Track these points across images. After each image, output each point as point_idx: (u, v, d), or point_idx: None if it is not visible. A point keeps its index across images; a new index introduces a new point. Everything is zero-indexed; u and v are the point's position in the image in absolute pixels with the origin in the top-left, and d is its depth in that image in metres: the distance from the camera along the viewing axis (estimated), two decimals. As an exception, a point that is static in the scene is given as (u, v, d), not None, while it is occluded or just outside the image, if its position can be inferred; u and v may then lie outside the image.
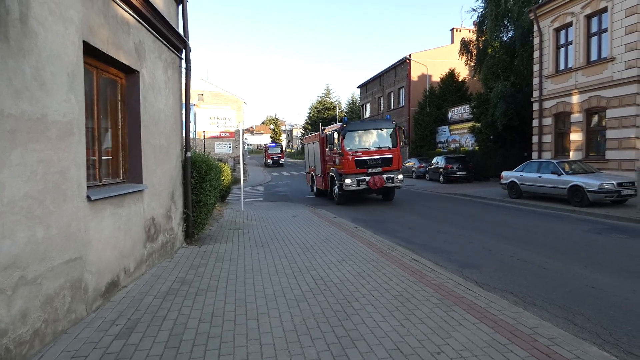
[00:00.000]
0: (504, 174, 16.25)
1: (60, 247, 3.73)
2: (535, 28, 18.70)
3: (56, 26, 3.67)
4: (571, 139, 17.08)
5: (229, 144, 22.98)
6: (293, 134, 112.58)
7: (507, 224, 10.68)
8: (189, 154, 7.67)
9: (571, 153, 16.96)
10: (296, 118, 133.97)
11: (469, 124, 26.41)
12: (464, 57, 28.97)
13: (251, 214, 12.49)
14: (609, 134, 15.21)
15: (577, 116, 16.66)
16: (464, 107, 27.90)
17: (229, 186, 15.33)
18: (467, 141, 27.53)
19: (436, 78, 33.65)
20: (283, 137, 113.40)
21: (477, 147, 25.50)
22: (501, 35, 24.83)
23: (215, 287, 5.24)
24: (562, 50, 17.64)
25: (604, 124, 15.67)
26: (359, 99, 55.12)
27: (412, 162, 28.71)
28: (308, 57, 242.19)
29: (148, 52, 5.89)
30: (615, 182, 12.13)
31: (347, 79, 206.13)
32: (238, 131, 18.23)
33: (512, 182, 15.43)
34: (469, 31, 31.96)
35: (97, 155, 4.88)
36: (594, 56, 16.08)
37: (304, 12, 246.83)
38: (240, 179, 15.33)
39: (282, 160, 53.38)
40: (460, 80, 31.68)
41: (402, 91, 36.84)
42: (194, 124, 17.79)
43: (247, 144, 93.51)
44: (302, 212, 13.09)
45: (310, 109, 72.54)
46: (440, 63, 33.72)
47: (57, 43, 3.69)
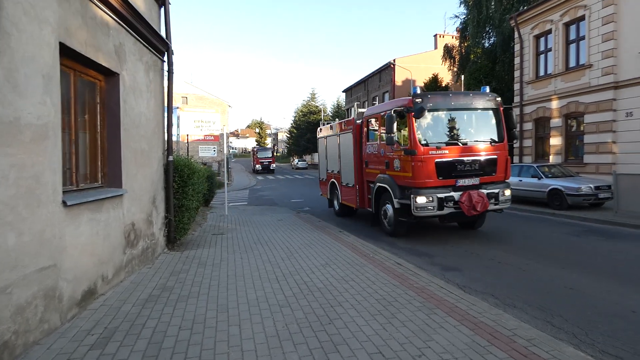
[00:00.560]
0: (486, 177, 16.53)
1: (33, 254, 3.62)
2: (516, 35, 19.09)
3: (31, 27, 3.58)
4: (551, 144, 17.43)
5: (214, 148, 22.78)
6: (278, 138, 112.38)
7: (488, 227, 10.80)
8: (171, 158, 7.57)
9: (551, 157, 17.31)
10: (281, 122, 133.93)
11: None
12: (447, 63, 29.39)
13: (235, 218, 12.38)
14: (587, 138, 15.58)
15: (556, 121, 17.02)
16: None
17: (212, 190, 15.18)
18: (450, 145, 27.77)
19: (420, 83, 33.90)
20: (268, 141, 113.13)
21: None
22: (483, 41, 25.28)
23: (197, 294, 5.16)
24: (542, 56, 18.03)
25: (582, 129, 16.05)
26: (344, 103, 55.33)
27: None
28: (294, 61, 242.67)
29: (129, 54, 5.80)
30: (592, 186, 12.41)
31: (333, 83, 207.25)
32: (222, 135, 18.11)
33: (494, 185, 15.69)
34: (452, 37, 32.51)
35: (75, 159, 4.77)
36: (572, 63, 16.48)
37: (290, 18, 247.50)
38: (224, 182, 15.21)
39: (273, 165, 48.54)
40: (443, 85, 32.09)
41: (387, 95, 37.16)
42: (178, 127, 17.63)
43: (232, 148, 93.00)
44: (287, 216, 13.04)
45: (295, 112, 72.36)
46: (424, 68, 34.15)
47: (32, 44, 3.61)
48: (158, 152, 7.23)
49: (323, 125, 14.69)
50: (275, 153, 61.22)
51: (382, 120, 9.50)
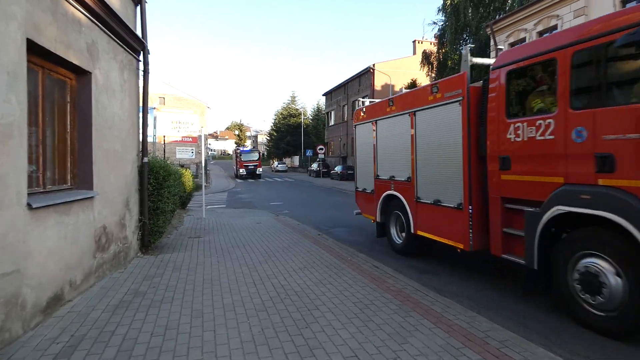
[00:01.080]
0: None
1: (-5, 259, 3.47)
2: (492, 42, 19.51)
3: (-5, 22, 3.45)
4: (525, 148, 17.88)
5: (192, 149, 22.45)
6: (258, 140, 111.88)
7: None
8: (145, 159, 7.40)
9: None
10: (261, 124, 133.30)
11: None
12: (426, 68, 29.83)
13: (213, 221, 12.20)
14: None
15: (530, 126, 17.46)
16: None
17: (190, 193, 14.93)
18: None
19: (399, 88, 34.42)
20: (248, 143, 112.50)
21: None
22: (461, 48, 25.75)
23: (171, 299, 5.04)
24: (517, 63, 18.48)
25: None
26: (324, 107, 55.49)
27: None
28: (274, 63, 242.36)
29: (102, 52, 5.65)
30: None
31: (313, 86, 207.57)
32: (201, 136, 17.86)
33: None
34: (430, 43, 33.03)
35: (42, 160, 4.60)
36: (545, 70, 16.94)
37: (270, 20, 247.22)
38: (202, 185, 15.00)
39: (260, 170, 42.20)
40: (422, 90, 32.53)
41: (366, 100, 37.42)
42: (154, 128, 17.31)
43: (211, 150, 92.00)
44: (265, 219, 12.93)
45: (275, 115, 72.32)
46: (402, 73, 34.59)
47: (-4, 40, 3.47)
48: (132, 154, 7.06)
49: (368, 102, 9.67)
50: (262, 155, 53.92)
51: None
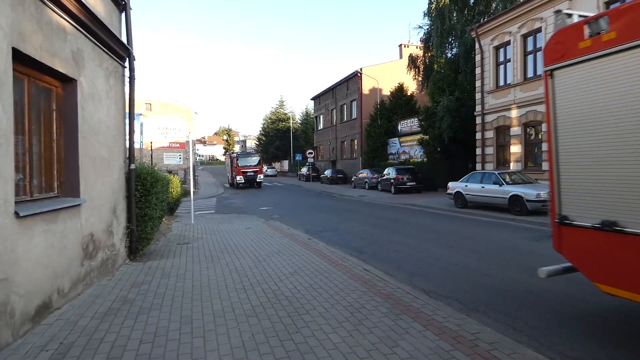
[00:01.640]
0: (450, 184, 16.90)
1: (-18, 268, 3.43)
2: (477, 46, 19.81)
3: (-20, 30, 3.42)
4: (511, 151, 18.11)
5: (179, 155, 22.32)
6: (247, 145, 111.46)
7: (453, 232, 11.08)
8: (133, 166, 7.36)
9: (511, 164, 17.97)
10: (250, 129, 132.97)
11: (418, 137, 27.34)
12: (412, 72, 30.11)
13: (202, 227, 12.14)
14: (545, 146, 16.25)
15: (516, 129, 17.72)
16: (413, 120, 28.89)
17: (178, 199, 14.84)
18: (417, 153, 28.46)
19: (386, 91, 34.67)
20: (237, 148, 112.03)
21: (425, 159, 26.41)
22: (446, 51, 26.09)
23: (160, 305, 5.01)
24: (502, 67, 18.77)
25: (540, 137, 16.76)
26: (312, 111, 55.59)
27: (364, 173, 29.44)
28: (261, 68, 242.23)
29: (87, 60, 5.62)
30: (550, 191, 12.83)
31: (301, 91, 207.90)
32: (189, 142, 17.77)
33: (458, 192, 16.08)
34: (416, 47, 33.33)
35: (29, 168, 4.55)
36: (530, 73, 17.23)
37: (257, 25, 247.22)
38: (190, 191, 14.91)
39: (261, 177, 35.00)
40: (409, 94, 32.86)
41: (354, 104, 37.60)
42: (141, 134, 17.17)
43: (199, 155, 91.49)
44: (255, 224, 12.90)
45: (264, 120, 72.24)
46: (389, 77, 34.82)
47: (-19, 48, 3.44)
48: (119, 160, 7.01)
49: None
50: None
51: None
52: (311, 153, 42.75)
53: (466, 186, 15.79)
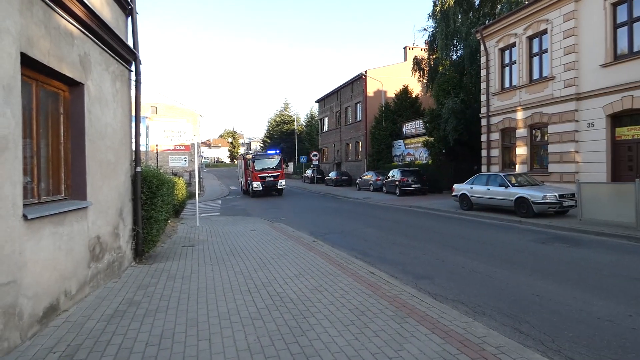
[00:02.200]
0: (455, 186, 16.84)
1: (-9, 270, 3.46)
2: (482, 48, 19.75)
3: (-10, 36, 3.47)
4: (517, 153, 18.02)
5: (184, 158, 22.43)
6: (252, 147, 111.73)
7: (458, 235, 11.04)
8: (138, 169, 7.40)
9: (517, 166, 17.88)
10: (255, 131, 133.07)
11: (423, 139, 27.29)
12: (417, 74, 30.08)
13: (207, 230, 12.18)
14: (551, 148, 16.19)
15: (521, 131, 17.63)
16: (418, 122, 28.85)
17: (183, 201, 14.89)
18: (421, 155, 28.41)
19: (391, 94, 34.64)
20: (242, 150, 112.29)
21: (430, 161, 26.34)
22: (451, 53, 26.03)
23: (165, 308, 5.03)
24: (507, 69, 18.70)
25: (546, 139, 16.67)
26: (317, 113, 55.64)
27: (369, 175, 29.37)
28: (266, 71, 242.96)
29: (94, 64, 5.67)
30: (557, 194, 12.87)
31: (306, 93, 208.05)
32: (194, 144, 17.85)
33: (463, 194, 16.02)
34: (421, 49, 33.29)
35: (37, 171, 4.60)
36: (535, 75, 17.15)
37: (262, 28, 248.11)
38: (195, 193, 14.97)
39: (283, 182, 28.23)
40: (413, 96, 32.81)
41: (359, 106, 37.60)
42: (147, 137, 17.29)
43: (204, 158, 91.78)
44: (260, 226, 12.92)
45: (269, 122, 72.51)
46: (394, 79, 34.81)
47: (-9, 53, 3.48)
48: (125, 163, 7.06)
49: None
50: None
51: None
52: (316, 155, 42.75)
53: (472, 188, 15.72)
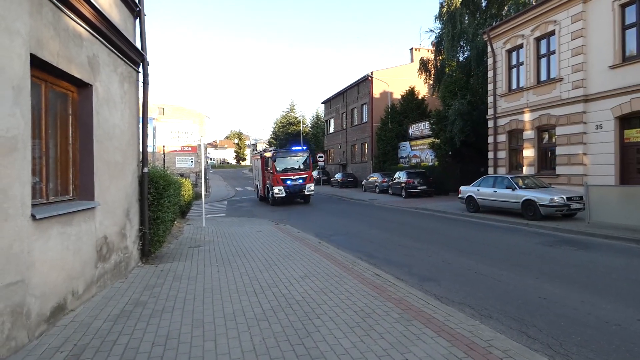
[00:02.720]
0: (462, 188, 16.75)
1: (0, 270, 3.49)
2: (489, 49, 19.65)
3: (0, 38, 3.50)
4: (524, 155, 17.90)
5: (191, 159, 22.48)
6: (258, 148, 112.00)
7: (465, 237, 10.98)
8: (146, 170, 7.44)
9: (524, 168, 17.76)
10: (261, 133, 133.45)
11: (429, 140, 27.20)
12: (423, 76, 29.99)
13: (213, 230, 12.22)
14: (559, 150, 16.06)
15: (529, 133, 17.51)
16: (424, 123, 28.76)
17: (189, 202, 14.96)
18: (428, 156, 28.31)
19: (397, 95, 34.57)
20: (247, 152, 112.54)
21: (436, 163, 26.25)
22: (458, 55, 25.91)
23: (172, 308, 5.05)
24: (514, 70, 18.58)
25: (553, 141, 16.54)
26: (323, 115, 55.66)
27: (375, 177, 29.33)
28: (273, 72, 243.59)
29: (102, 65, 5.71)
30: (565, 197, 12.76)
31: (312, 95, 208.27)
32: (200, 145, 17.90)
33: (470, 196, 15.93)
34: (428, 51, 33.22)
35: (45, 171, 4.64)
36: (543, 76, 17.03)
37: (268, 29, 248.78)
38: (202, 194, 15.02)
39: (311, 187, 22.42)
40: (420, 97, 32.72)
41: (365, 107, 37.55)
42: (154, 138, 17.38)
43: (210, 159, 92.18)
44: (265, 227, 12.94)
45: (275, 123, 72.70)
46: (400, 81, 34.73)
47: (1, 55, 3.51)
48: (133, 164, 7.10)
49: None
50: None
51: None
52: (321, 156, 42.76)
53: (478, 190, 15.64)
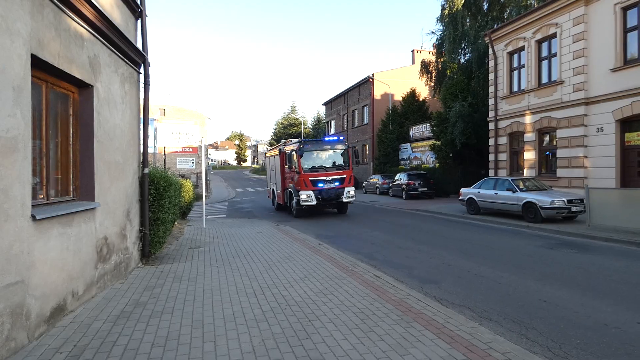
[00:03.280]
0: (462, 190, 16.74)
1: (-1, 270, 3.50)
2: (490, 51, 19.65)
3: (1, 39, 3.51)
4: (525, 157, 17.89)
5: (192, 160, 22.50)
6: (259, 150, 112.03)
7: (465, 239, 10.96)
8: (146, 170, 7.45)
9: (525, 171, 17.74)
10: (262, 134, 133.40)
11: (430, 142, 27.18)
12: (424, 78, 29.96)
13: (213, 231, 12.22)
14: (560, 153, 16.04)
15: (530, 135, 17.50)
16: (425, 125, 28.76)
17: (190, 203, 14.96)
18: (428, 158, 28.30)
19: (398, 97, 34.58)
20: (248, 153, 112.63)
21: (437, 165, 26.23)
22: (459, 57, 25.92)
23: (171, 309, 5.05)
24: (516, 72, 18.57)
25: (554, 143, 16.52)
26: (324, 116, 55.71)
27: (376, 179, 29.32)
28: (274, 74, 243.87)
29: (103, 66, 5.72)
30: (565, 199, 12.74)
31: (313, 96, 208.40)
32: (201, 146, 17.89)
33: (471, 198, 15.92)
34: (429, 53, 33.24)
35: (45, 172, 4.64)
36: (544, 79, 17.02)
37: (270, 29, 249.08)
38: (202, 195, 15.03)
39: (351, 192, 16.64)
40: (421, 99, 32.72)
41: (366, 109, 37.58)
42: (155, 139, 17.38)
43: (211, 160, 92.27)
44: (265, 228, 12.94)
45: (276, 125, 72.85)
46: (402, 83, 34.75)
47: (2, 56, 3.52)
48: (133, 165, 7.11)
49: None
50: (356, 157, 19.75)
51: None
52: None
53: (479, 192, 15.63)
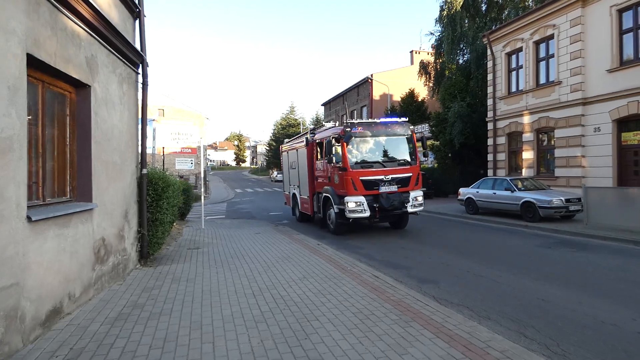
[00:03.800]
0: (461, 190, 16.75)
1: (-6, 272, 3.46)
2: (489, 52, 19.69)
3: (-4, 38, 3.49)
4: (523, 157, 17.91)
5: (191, 160, 22.48)
6: (258, 150, 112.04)
7: (464, 239, 10.96)
8: (144, 171, 7.42)
9: (523, 170, 17.76)
10: (261, 134, 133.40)
11: (429, 142, 27.18)
12: (423, 78, 30.01)
13: (212, 232, 12.19)
14: (558, 152, 16.06)
15: (528, 135, 17.52)
16: (424, 125, 28.76)
17: (189, 203, 14.93)
18: (427, 158, 28.29)
19: (397, 97, 34.61)
20: (247, 154, 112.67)
21: (436, 165, 26.24)
22: (457, 58, 25.96)
23: (170, 311, 5.02)
24: (514, 73, 18.61)
25: (552, 143, 16.55)
26: (323, 117, 55.72)
27: (374, 179, 29.25)
28: (273, 75, 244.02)
29: (101, 66, 5.70)
30: (563, 199, 12.75)
31: (311, 96, 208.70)
32: (200, 147, 17.92)
33: (469, 198, 15.92)
34: (428, 53, 33.29)
35: (42, 172, 4.61)
36: (542, 79, 17.05)
37: (269, 31, 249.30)
38: (201, 196, 15.00)
39: (419, 198, 11.73)
40: (419, 100, 32.73)
41: (365, 109, 37.62)
42: (154, 139, 17.36)
43: (210, 160, 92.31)
44: (264, 229, 12.92)
45: (274, 125, 72.72)
46: (400, 83, 34.80)
47: (-3, 55, 3.50)
48: (131, 165, 7.08)
49: None
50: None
51: None
52: (321, 159, 42.73)
53: (478, 192, 15.63)
